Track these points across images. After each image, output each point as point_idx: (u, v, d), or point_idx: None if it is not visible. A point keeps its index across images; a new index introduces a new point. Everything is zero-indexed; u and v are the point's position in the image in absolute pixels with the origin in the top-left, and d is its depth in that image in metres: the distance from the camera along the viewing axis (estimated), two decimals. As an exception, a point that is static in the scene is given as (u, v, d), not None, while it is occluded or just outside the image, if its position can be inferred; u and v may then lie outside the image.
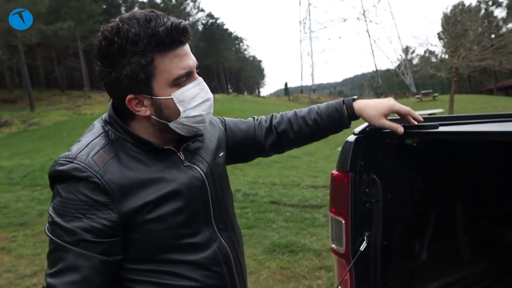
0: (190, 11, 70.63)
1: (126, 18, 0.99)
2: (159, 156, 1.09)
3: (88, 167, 0.98)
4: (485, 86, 59.92)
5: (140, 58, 0.98)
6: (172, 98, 1.04)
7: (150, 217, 1.03)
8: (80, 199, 0.97)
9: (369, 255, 1.54)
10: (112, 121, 1.08)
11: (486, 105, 27.65)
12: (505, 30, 33.98)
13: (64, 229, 0.97)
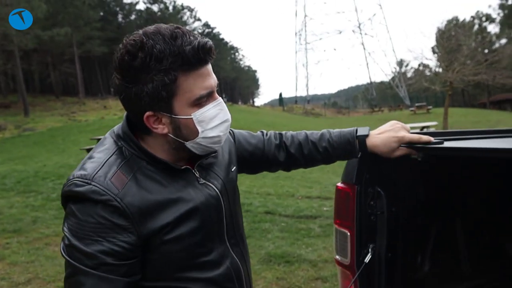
0: (187, 20, 70.97)
1: (151, 33, 0.96)
2: (174, 175, 1.07)
3: (107, 190, 0.97)
4: (478, 100, 60.53)
5: (164, 76, 0.95)
6: (192, 118, 1.02)
7: (168, 238, 1.03)
8: (100, 222, 0.95)
9: (373, 266, 1.56)
10: (126, 137, 1.06)
11: (480, 118, 27.86)
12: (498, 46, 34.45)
13: (84, 253, 0.95)
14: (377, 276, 1.57)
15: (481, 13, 58.96)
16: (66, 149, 17.76)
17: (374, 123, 29.81)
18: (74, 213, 0.97)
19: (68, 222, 0.99)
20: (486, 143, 1.45)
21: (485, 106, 52.15)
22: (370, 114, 45.91)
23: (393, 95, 64.97)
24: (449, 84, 20.20)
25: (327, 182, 9.01)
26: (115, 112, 34.67)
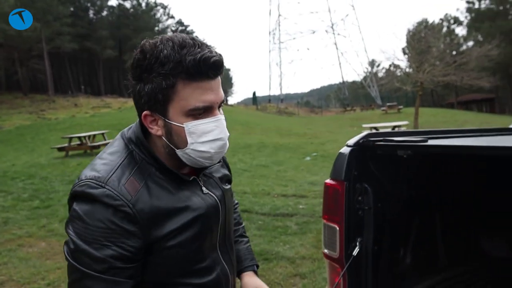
0: (160, 17, 70.04)
1: (165, 39, 1.00)
2: (181, 183, 1.10)
3: (120, 196, 0.98)
4: (446, 100, 62.27)
5: (162, 80, 0.99)
6: (183, 127, 1.03)
7: (172, 244, 1.06)
8: (109, 227, 0.97)
9: (360, 259, 1.64)
10: (138, 142, 1.09)
11: (448, 118, 28.65)
12: (466, 48, 35.56)
13: (93, 258, 0.96)
14: (364, 269, 1.65)
15: (450, 16, 60.69)
16: (36, 148, 17.28)
17: (347, 122, 30.08)
18: (81, 217, 0.98)
19: (74, 226, 0.99)
20: (466, 141, 1.54)
21: (453, 106, 53.69)
22: (343, 113, 46.46)
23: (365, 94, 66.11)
24: (420, 85, 20.74)
25: (301, 180, 9.10)
26: (86, 110, 33.94)
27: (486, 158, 2.00)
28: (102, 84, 60.02)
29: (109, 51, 56.09)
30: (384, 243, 1.71)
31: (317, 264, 4.42)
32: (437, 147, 1.39)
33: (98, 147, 14.08)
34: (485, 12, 52.98)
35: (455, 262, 2.12)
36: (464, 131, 1.89)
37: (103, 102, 39.71)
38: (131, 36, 58.68)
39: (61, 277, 4.31)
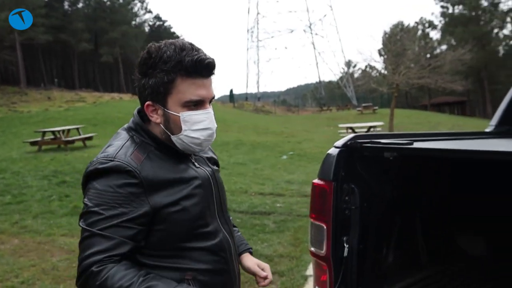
0: (137, 11, 68.97)
1: (168, 43, 1.22)
2: (176, 159, 1.28)
3: (129, 164, 1.17)
4: (420, 102, 63.62)
5: (164, 75, 1.20)
6: (179, 116, 1.23)
7: (175, 209, 1.21)
8: (117, 191, 1.14)
9: (346, 258, 1.68)
10: (138, 127, 1.28)
11: (422, 120, 29.29)
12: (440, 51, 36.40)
13: (100, 216, 1.12)
14: (350, 267, 1.70)
15: (425, 19, 61.98)
16: (7, 142, 16.83)
17: (323, 121, 30.29)
18: (94, 186, 1.16)
19: (87, 194, 1.17)
20: (449, 144, 1.61)
21: (426, 108, 54.87)
22: (319, 112, 46.86)
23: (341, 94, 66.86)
24: (396, 86, 21.14)
25: (278, 179, 9.17)
26: (60, 104, 33.17)
27: (466, 160, 2.09)
28: (76, 77, 58.68)
29: (85, 44, 54.80)
30: (368, 242, 1.76)
31: (295, 262, 4.47)
32: (422, 150, 1.45)
33: (73, 142, 13.81)
34: (459, 17, 54.37)
35: (435, 261, 2.19)
36: (446, 134, 1.97)
37: (78, 96, 38.84)
38: (107, 30, 57.58)
39: (35, 274, 4.22)
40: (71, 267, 4.37)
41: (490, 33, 53.36)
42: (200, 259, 1.26)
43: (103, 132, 19.51)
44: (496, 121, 2.66)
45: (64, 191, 7.93)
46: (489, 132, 2.62)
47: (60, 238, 5.35)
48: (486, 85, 51.65)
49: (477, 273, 2.25)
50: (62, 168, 9.96)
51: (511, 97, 2.64)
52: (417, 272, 2.11)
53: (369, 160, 1.71)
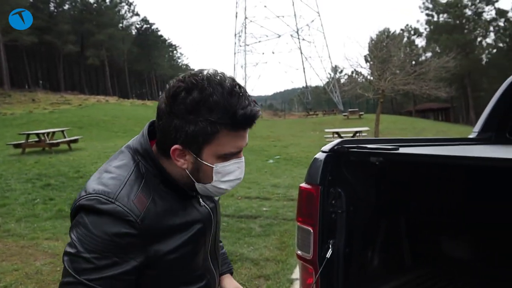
0: (124, 14, 68.68)
1: (213, 81, 1.01)
2: (182, 197, 1.14)
3: (130, 212, 1.01)
4: (405, 108, 64.43)
5: (208, 125, 1.01)
6: (213, 167, 1.08)
7: (172, 257, 1.09)
8: (113, 240, 0.99)
9: (333, 261, 1.71)
10: (146, 154, 1.10)
11: (407, 125, 29.66)
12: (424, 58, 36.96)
13: (91, 266, 0.98)
14: (336, 269, 1.72)
15: (410, 27, 62.95)
16: (-11, 144, 16.54)
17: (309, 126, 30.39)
18: (87, 226, 1.00)
19: (78, 232, 1.01)
20: (434, 150, 1.64)
21: (411, 114, 55.54)
22: (305, 117, 47.07)
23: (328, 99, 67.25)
24: (381, 92, 21.36)
25: (265, 183, 9.19)
26: (45, 106, 32.76)
27: (450, 166, 2.13)
28: (62, 79, 58.02)
29: (70, 46, 54.33)
30: (354, 245, 1.79)
31: (281, 265, 4.49)
32: (408, 155, 1.48)
33: (57, 145, 13.62)
34: (443, 25, 55.29)
35: (419, 264, 2.23)
36: (431, 140, 2.02)
37: (63, 98, 38.42)
38: (94, 32, 57.16)
39: (18, 279, 4.16)
40: (55, 271, 4.32)
41: (473, 41, 54.44)
42: None
43: (89, 135, 19.34)
44: (479, 127, 2.73)
45: (48, 194, 7.83)
46: (472, 138, 2.68)
47: (44, 242, 5.28)
48: (469, 92, 52.59)
49: (460, 276, 2.30)
50: (47, 171, 9.83)
51: (494, 104, 2.71)
52: (402, 275, 2.15)
53: (356, 165, 1.74)
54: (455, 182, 2.39)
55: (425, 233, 2.32)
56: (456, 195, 2.41)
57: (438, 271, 2.30)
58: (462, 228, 2.52)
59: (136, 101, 47.48)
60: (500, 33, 54.14)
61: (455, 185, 2.41)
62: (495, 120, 2.69)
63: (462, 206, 2.44)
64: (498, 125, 2.68)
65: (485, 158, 1.31)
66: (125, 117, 26.98)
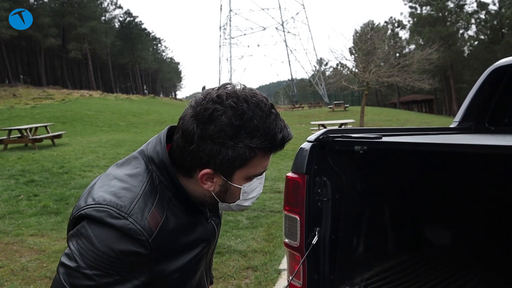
0: (107, 7, 67.67)
1: (252, 103, 0.94)
2: (193, 212, 1.08)
3: (144, 231, 0.93)
4: (389, 100, 65.10)
5: (247, 151, 0.95)
6: (241, 188, 1.04)
7: (175, 276, 1.05)
8: (119, 258, 0.91)
9: (319, 248, 1.75)
10: (162, 166, 1.02)
11: (391, 117, 29.96)
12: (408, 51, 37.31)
13: (90, 282, 0.90)
14: (322, 256, 1.77)
15: (394, 19, 63.54)
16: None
17: (295, 119, 30.51)
18: (90, 239, 0.91)
19: (80, 244, 0.92)
20: (415, 138, 1.69)
21: (396, 106, 56.20)
22: (291, 110, 47.19)
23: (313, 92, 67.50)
24: (366, 84, 21.57)
25: (252, 175, 9.23)
26: (27, 101, 32.19)
27: (431, 153, 2.19)
28: (43, 74, 57.00)
29: (52, 39, 53.36)
30: (340, 233, 1.83)
31: (268, 257, 4.54)
32: (390, 143, 1.53)
33: (41, 140, 13.44)
34: (426, 18, 55.82)
35: (402, 250, 2.30)
36: (412, 130, 2.07)
37: (45, 93, 37.79)
38: (75, 25, 56.23)
39: (4, 275, 4.13)
40: (41, 267, 4.30)
41: (456, 34, 55.11)
42: None
43: (73, 130, 19.11)
44: (459, 117, 2.80)
45: (32, 190, 7.74)
46: (453, 127, 2.75)
47: (29, 238, 5.24)
48: (452, 84, 53.33)
49: (441, 262, 2.37)
50: (30, 167, 9.71)
51: (473, 94, 2.78)
52: (386, 261, 2.21)
53: (340, 154, 1.79)
54: (436, 169, 2.46)
55: (408, 220, 2.39)
56: (438, 181, 2.48)
57: (420, 257, 2.37)
58: (444, 216, 2.60)
59: (120, 95, 46.99)
60: (481, 25, 54.93)
61: (437, 172, 2.47)
62: (474, 110, 2.76)
63: (444, 193, 2.51)
64: (478, 115, 2.75)
65: (463, 145, 1.36)
66: (109, 111, 26.71)
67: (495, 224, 2.63)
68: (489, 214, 2.65)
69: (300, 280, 1.77)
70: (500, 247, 2.55)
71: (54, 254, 4.63)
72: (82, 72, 69.31)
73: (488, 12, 53.71)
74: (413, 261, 2.30)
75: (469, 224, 2.65)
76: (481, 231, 2.66)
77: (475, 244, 2.61)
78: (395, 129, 1.91)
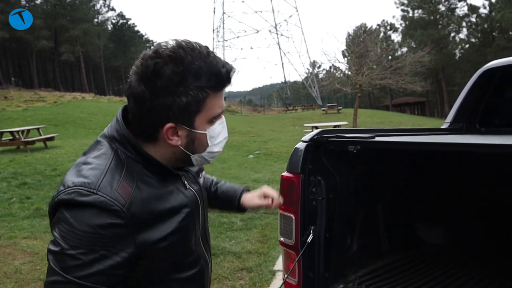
0: (100, 9, 67.41)
1: (187, 47, 0.99)
2: (167, 180, 1.10)
3: (115, 201, 0.95)
4: (382, 103, 65.41)
5: (198, 93, 0.99)
6: (206, 133, 1.07)
7: (162, 245, 1.05)
8: (99, 233, 0.93)
9: (313, 246, 1.78)
10: (124, 140, 1.04)
11: (384, 119, 30.10)
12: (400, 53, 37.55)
13: (77, 262, 0.92)
14: (317, 254, 1.80)
15: (386, 22, 63.83)
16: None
17: (288, 121, 30.56)
18: (68, 221, 0.94)
19: (60, 228, 0.95)
20: (407, 138, 1.73)
21: (388, 108, 56.44)
22: (285, 112, 47.27)
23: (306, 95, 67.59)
24: (359, 87, 21.69)
25: (245, 178, 9.25)
26: (18, 103, 31.92)
27: (422, 153, 2.23)
28: (35, 76, 56.60)
29: (44, 41, 52.99)
30: (334, 231, 1.86)
31: (263, 258, 4.56)
32: (383, 143, 1.56)
33: (33, 143, 13.35)
34: (418, 21, 56.19)
35: (395, 249, 2.33)
36: (404, 130, 2.11)
37: (37, 96, 37.47)
38: (68, 27, 55.91)
39: None
40: (35, 269, 4.29)
41: (447, 37, 55.54)
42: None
43: (65, 133, 18.99)
44: (451, 118, 2.84)
45: (25, 193, 7.71)
46: (444, 128, 2.79)
47: (23, 241, 5.22)
48: (444, 86, 53.71)
49: (434, 260, 2.40)
50: (23, 169, 9.65)
51: (464, 96, 2.83)
52: (379, 259, 2.24)
53: (335, 154, 1.82)
54: (429, 169, 2.50)
55: (402, 219, 2.42)
56: (430, 181, 2.52)
57: (414, 255, 2.41)
58: (437, 215, 2.64)
59: (113, 97, 46.70)
60: (472, 28, 55.40)
61: (429, 172, 2.52)
62: (465, 112, 2.81)
63: (436, 193, 2.56)
64: (468, 116, 2.80)
65: (455, 144, 1.40)
66: (102, 114, 26.57)
67: (487, 223, 2.68)
68: (481, 212, 2.69)
69: (295, 278, 1.80)
70: (492, 245, 2.59)
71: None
72: (74, 74, 68.93)
73: (479, 16, 54.21)
74: (407, 260, 2.33)
75: (461, 223, 2.70)
76: (473, 230, 2.71)
77: (468, 243, 2.66)
78: (388, 130, 1.95)
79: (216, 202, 1.58)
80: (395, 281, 2.14)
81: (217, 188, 1.60)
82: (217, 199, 1.58)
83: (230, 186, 1.62)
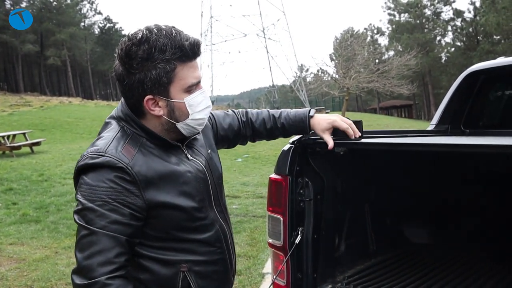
0: (86, 12, 66.81)
1: (153, 29, 1.16)
2: (168, 152, 1.26)
3: (119, 160, 1.14)
4: (370, 106, 65.96)
5: (166, 65, 1.16)
6: (184, 102, 1.22)
7: (170, 207, 1.20)
8: (111, 186, 1.11)
9: (301, 247, 1.80)
10: (128, 118, 1.24)
11: (372, 122, 30.22)
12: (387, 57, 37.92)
13: (96, 213, 1.10)
14: (305, 255, 1.81)
15: (373, 26, 64.42)
16: None
17: (278, 125, 30.75)
18: (86, 182, 1.13)
19: (80, 190, 1.14)
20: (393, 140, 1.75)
21: (376, 111, 56.89)
22: (274, 116, 47.25)
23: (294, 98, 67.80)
24: (347, 90, 21.86)
25: (234, 181, 9.25)
26: (3, 108, 31.40)
27: (408, 154, 2.27)
28: (21, 80, 55.84)
29: (29, 45, 52.30)
30: (322, 232, 1.88)
31: (252, 261, 4.57)
32: (370, 144, 1.58)
33: (19, 148, 13.18)
34: (404, 25, 56.79)
35: (383, 249, 2.36)
36: (391, 132, 2.14)
37: (23, 100, 36.92)
38: (54, 31, 55.32)
39: None
40: (22, 276, 4.23)
41: (433, 40, 56.19)
42: (196, 251, 1.28)
43: (52, 137, 18.78)
44: (436, 120, 2.89)
45: (11, 198, 7.61)
46: (430, 130, 2.84)
47: (9, 247, 5.16)
48: (430, 89, 54.31)
49: (420, 259, 2.44)
50: (8, 175, 9.51)
51: (449, 98, 2.87)
52: (367, 259, 2.27)
53: (322, 155, 1.84)
54: (414, 169, 2.53)
55: (388, 220, 2.45)
56: (416, 181, 2.55)
57: (401, 255, 2.44)
58: (423, 215, 2.67)
59: (100, 102, 46.32)
60: (457, 32, 56.17)
61: (415, 172, 2.55)
62: (450, 114, 2.85)
63: (423, 192, 2.59)
64: (453, 118, 2.85)
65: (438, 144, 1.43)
66: (89, 118, 26.34)
67: (473, 222, 2.73)
68: (466, 212, 2.74)
69: (284, 279, 1.81)
70: (478, 245, 2.64)
71: (35, 263, 4.57)
72: (61, 78, 68.21)
73: (464, 20, 54.98)
74: (394, 259, 2.36)
75: (447, 223, 2.74)
76: (459, 229, 2.75)
77: (453, 242, 2.70)
78: (374, 132, 1.98)
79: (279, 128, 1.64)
80: (382, 280, 2.16)
81: (279, 116, 1.65)
82: (282, 126, 1.63)
83: (294, 111, 1.67)
